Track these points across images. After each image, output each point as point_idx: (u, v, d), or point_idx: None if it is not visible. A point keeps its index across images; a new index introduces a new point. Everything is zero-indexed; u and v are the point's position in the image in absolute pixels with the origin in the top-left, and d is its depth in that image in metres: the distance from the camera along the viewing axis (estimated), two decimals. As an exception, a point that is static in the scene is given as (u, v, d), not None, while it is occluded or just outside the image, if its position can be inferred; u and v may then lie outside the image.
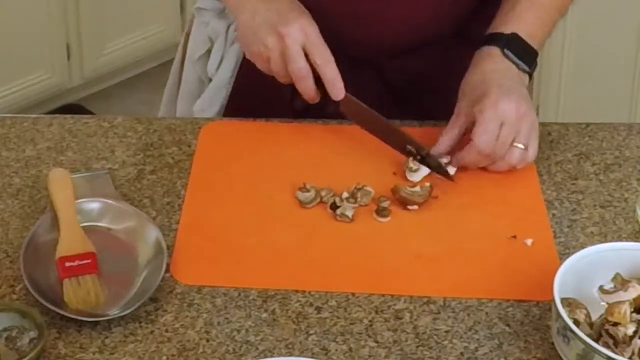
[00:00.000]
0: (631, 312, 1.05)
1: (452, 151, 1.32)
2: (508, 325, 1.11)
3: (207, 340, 1.09)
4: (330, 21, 1.38)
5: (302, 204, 1.27)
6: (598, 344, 1.02)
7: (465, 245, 1.22)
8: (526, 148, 1.29)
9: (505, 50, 1.33)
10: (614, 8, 2.77)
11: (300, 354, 1.07)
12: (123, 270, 1.17)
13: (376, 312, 1.13)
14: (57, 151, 1.37)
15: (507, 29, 1.35)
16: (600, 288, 1.08)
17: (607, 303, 1.06)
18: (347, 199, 1.26)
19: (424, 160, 1.31)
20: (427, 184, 1.27)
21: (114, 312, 1.11)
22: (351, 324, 1.11)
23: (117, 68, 3.40)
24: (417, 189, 1.26)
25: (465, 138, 1.31)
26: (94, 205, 1.23)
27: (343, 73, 1.34)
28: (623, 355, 1.01)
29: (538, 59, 1.38)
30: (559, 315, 1.03)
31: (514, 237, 1.23)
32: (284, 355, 1.07)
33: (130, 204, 1.26)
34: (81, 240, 1.18)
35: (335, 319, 1.12)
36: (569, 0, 1.43)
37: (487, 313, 1.13)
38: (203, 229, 1.24)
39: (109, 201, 1.24)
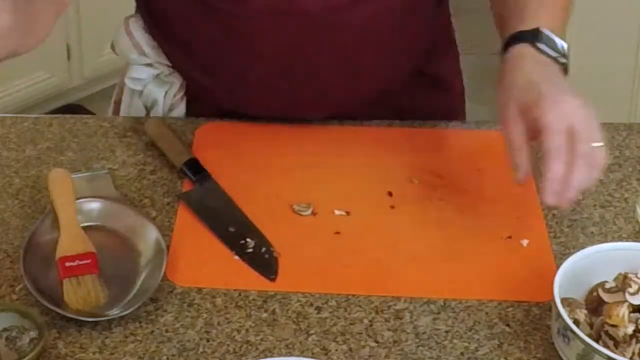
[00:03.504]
0: (630, 313, 1.05)
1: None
2: (508, 325, 1.11)
3: (207, 340, 1.09)
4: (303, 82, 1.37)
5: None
6: (598, 344, 1.02)
7: (461, 247, 1.22)
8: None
9: (537, 44, 1.20)
10: (614, 8, 2.77)
11: (300, 354, 1.07)
12: (123, 270, 1.17)
13: (376, 312, 1.13)
14: (57, 151, 1.37)
15: (527, 26, 1.22)
16: (602, 286, 1.08)
17: (608, 302, 1.06)
18: None
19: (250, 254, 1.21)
20: None
21: (114, 312, 1.11)
22: (351, 324, 1.11)
23: (117, 68, 3.38)
24: None
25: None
26: (94, 205, 1.23)
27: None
28: (624, 356, 1.01)
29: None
30: (559, 315, 1.03)
31: (510, 237, 1.23)
32: (284, 355, 1.07)
33: (130, 204, 1.26)
34: (81, 240, 1.18)
35: (335, 319, 1.12)
36: (571, 2, 1.36)
37: (487, 313, 1.13)
38: (198, 232, 1.23)
39: (109, 201, 1.24)
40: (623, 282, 1.07)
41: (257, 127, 1.42)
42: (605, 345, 1.03)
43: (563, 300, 1.06)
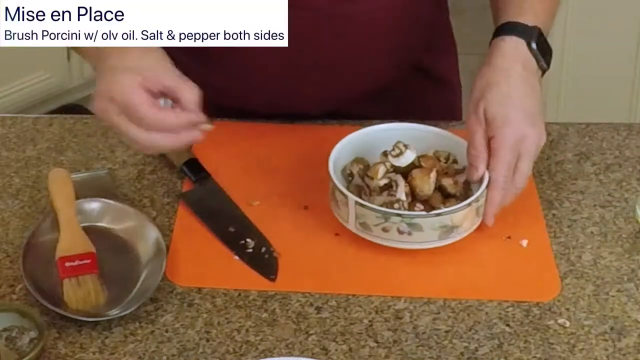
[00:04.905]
0: (390, 172, 1.20)
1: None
2: (508, 325, 1.11)
3: (207, 340, 1.09)
4: (295, 80, 1.37)
5: None
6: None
7: (461, 247, 1.21)
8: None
9: (532, 44, 1.24)
10: (614, 8, 2.77)
11: (300, 354, 1.07)
12: (123, 270, 1.17)
13: (376, 312, 1.13)
14: (57, 151, 1.37)
15: (527, 21, 1.26)
16: (384, 152, 1.22)
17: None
18: None
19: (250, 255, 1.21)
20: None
21: (114, 312, 1.11)
22: (351, 324, 1.11)
23: (117, 68, 3.39)
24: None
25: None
26: (94, 205, 1.23)
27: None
28: (373, 203, 1.17)
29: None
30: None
31: (509, 237, 1.23)
32: (284, 355, 1.07)
33: (130, 204, 1.26)
34: (81, 240, 1.18)
35: (335, 319, 1.12)
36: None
37: (487, 313, 1.13)
38: (198, 232, 1.23)
39: (109, 201, 1.24)
40: (394, 146, 1.21)
41: (257, 127, 1.42)
42: (361, 190, 1.20)
43: (356, 158, 1.25)
